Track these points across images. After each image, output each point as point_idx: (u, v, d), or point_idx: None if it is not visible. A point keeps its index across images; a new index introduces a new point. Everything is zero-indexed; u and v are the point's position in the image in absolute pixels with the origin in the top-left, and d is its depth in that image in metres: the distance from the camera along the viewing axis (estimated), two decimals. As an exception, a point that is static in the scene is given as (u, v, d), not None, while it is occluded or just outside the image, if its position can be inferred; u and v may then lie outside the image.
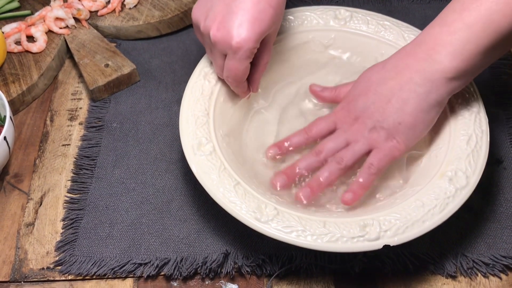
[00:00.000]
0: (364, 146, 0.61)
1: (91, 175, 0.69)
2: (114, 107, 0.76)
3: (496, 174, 0.67)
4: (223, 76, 0.65)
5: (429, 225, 0.55)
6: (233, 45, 0.60)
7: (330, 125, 0.64)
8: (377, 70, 0.62)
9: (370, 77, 0.62)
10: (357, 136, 0.61)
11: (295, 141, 0.65)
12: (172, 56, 0.81)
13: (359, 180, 0.60)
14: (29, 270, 0.62)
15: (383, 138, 0.60)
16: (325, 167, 0.61)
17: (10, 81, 0.76)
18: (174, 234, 0.63)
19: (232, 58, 0.61)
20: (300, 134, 0.65)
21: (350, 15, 0.72)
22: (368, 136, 0.61)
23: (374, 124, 0.60)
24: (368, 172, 0.60)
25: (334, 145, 0.62)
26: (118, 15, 0.83)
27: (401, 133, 0.60)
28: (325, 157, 0.62)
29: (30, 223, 0.65)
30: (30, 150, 0.72)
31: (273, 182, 0.62)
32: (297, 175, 0.63)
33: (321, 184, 0.61)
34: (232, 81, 0.64)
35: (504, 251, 0.61)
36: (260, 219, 0.56)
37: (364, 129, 0.61)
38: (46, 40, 0.80)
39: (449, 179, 0.58)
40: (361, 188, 0.60)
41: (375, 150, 0.61)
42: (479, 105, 0.63)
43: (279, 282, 0.60)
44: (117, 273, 0.61)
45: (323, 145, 0.63)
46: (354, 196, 0.60)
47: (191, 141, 0.61)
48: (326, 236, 0.55)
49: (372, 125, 0.60)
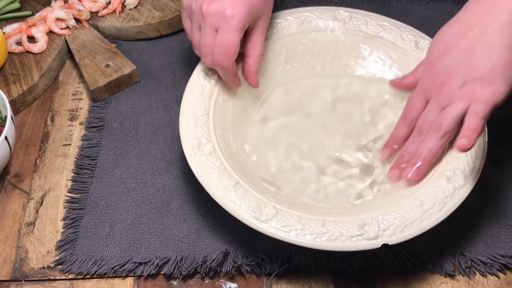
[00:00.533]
0: (460, 105, 0.57)
1: (92, 175, 0.69)
2: (115, 107, 0.76)
3: (494, 173, 0.67)
4: (211, 59, 0.64)
5: (428, 224, 0.56)
6: (227, 14, 0.61)
7: (422, 100, 0.61)
8: (451, 25, 0.59)
9: (445, 34, 0.60)
10: (450, 98, 0.58)
11: (401, 133, 0.63)
12: (172, 56, 0.82)
13: (469, 125, 0.55)
14: (30, 269, 0.62)
15: (478, 88, 0.56)
16: (425, 141, 0.59)
17: (11, 81, 0.76)
18: (174, 233, 0.64)
19: (225, 31, 0.61)
20: (401, 124, 0.63)
21: (349, 16, 0.72)
22: (461, 93, 0.57)
23: (465, 79, 0.57)
24: (476, 116, 0.55)
25: (431, 119, 0.59)
26: (118, 16, 0.84)
27: (499, 75, 0.56)
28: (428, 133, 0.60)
29: (30, 222, 0.66)
30: (31, 150, 0.72)
31: (390, 177, 0.62)
32: (409, 161, 0.61)
33: (426, 160, 0.59)
34: (223, 60, 0.63)
35: (502, 250, 0.61)
36: (259, 218, 0.56)
37: (455, 87, 0.57)
38: (47, 41, 0.80)
39: (448, 179, 0.58)
40: (473, 132, 0.55)
41: (474, 101, 0.56)
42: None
43: (278, 281, 0.61)
44: (118, 272, 0.61)
45: (422, 123, 0.60)
46: (469, 141, 0.54)
47: (191, 141, 0.62)
48: (325, 235, 0.55)
49: (462, 81, 0.57)
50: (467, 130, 0.55)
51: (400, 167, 0.61)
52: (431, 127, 0.59)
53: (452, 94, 0.58)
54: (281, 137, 0.68)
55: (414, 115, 0.62)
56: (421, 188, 0.58)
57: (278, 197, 0.61)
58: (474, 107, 0.56)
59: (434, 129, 0.59)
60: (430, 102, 0.60)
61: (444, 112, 0.58)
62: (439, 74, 0.59)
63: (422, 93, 0.61)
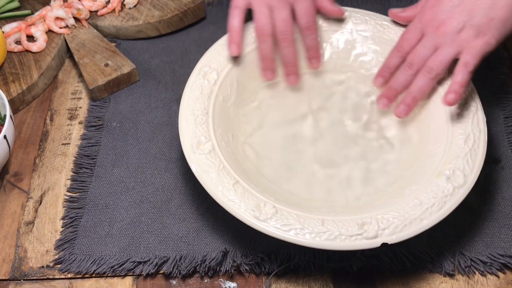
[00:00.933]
0: (453, 49, 0.61)
1: (91, 174, 0.69)
2: (114, 106, 0.76)
3: (493, 173, 0.67)
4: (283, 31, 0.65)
5: (427, 223, 0.56)
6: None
7: (418, 34, 0.63)
8: None
9: None
10: (445, 39, 0.61)
11: (393, 62, 0.65)
12: (171, 55, 0.82)
13: (457, 80, 0.60)
14: (29, 269, 0.62)
15: (472, 36, 0.60)
16: (416, 80, 0.63)
17: (10, 80, 0.76)
18: (173, 232, 0.64)
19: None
20: (394, 55, 0.65)
21: (349, 15, 0.72)
22: (456, 38, 0.60)
23: (464, 24, 0.60)
24: (465, 70, 0.60)
25: (423, 55, 0.62)
26: (118, 15, 0.84)
27: (494, 28, 0.59)
28: (417, 68, 0.63)
29: (30, 221, 0.66)
30: (30, 149, 0.72)
31: (379, 105, 0.66)
32: (397, 93, 0.64)
33: (416, 98, 0.63)
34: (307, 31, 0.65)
35: (501, 249, 0.61)
36: (259, 217, 0.56)
37: (452, 30, 0.60)
38: (46, 40, 0.80)
39: (447, 178, 0.58)
40: (461, 87, 0.60)
41: (466, 49, 0.60)
42: (477, 104, 0.64)
43: (277, 280, 0.61)
44: (117, 271, 0.61)
45: (413, 57, 0.63)
46: (456, 96, 0.60)
47: (191, 140, 0.62)
48: (325, 234, 0.55)
49: (461, 26, 0.60)
50: (455, 84, 0.60)
51: (389, 97, 0.66)
52: (421, 66, 0.62)
53: (447, 36, 0.61)
54: (280, 135, 0.67)
55: (407, 47, 0.64)
56: (420, 188, 0.58)
57: (279, 196, 0.60)
58: (465, 58, 0.60)
59: (426, 69, 0.62)
60: (424, 38, 0.63)
61: (437, 54, 0.61)
62: (441, 13, 0.61)
63: (419, 26, 0.63)
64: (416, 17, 0.65)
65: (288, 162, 0.65)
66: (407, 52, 0.64)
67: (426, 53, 0.62)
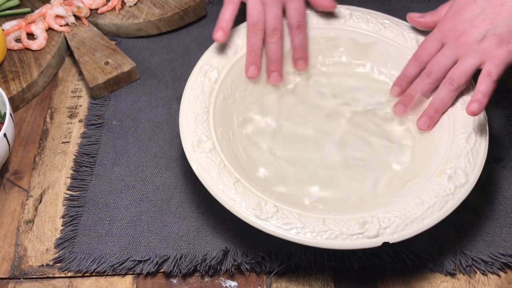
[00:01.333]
0: (474, 59, 0.60)
1: (91, 173, 0.69)
2: (114, 104, 0.76)
3: (495, 172, 0.67)
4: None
5: (429, 222, 0.55)
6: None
7: (437, 44, 0.63)
8: None
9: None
10: (466, 49, 0.60)
11: (411, 72, 0.65)
12: (172, 54, 0.81)
13: (481, 89, 0.58)
14: (29, 267, 0.62)
15: (495, 45, 0.59)
16: (438, 92, 0.62)
17: (10, 79, 0.76)
18: (174, 231, 0.64)
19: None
20: (412, 64, 0.65)
21: (350, 14, 0.72)
22: (478, 48, 0.59)
23: (485, 33, 0.59)
24: (489, 79, 0.58)
25: (443, 64, 0.61)
26: (118, 13, 0.83)
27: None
28: (436, 77, 0.62)
29: (29, 220, 0.65)
30: (30, 147, 0.72)
31: (394, 112, 0.66)
32: (415, 102, 0.64)
33: (438, 110, 0.62)
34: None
35: (503, 249, 0.61)
36: (259, 216, 0.56)
37: (474, 40, 0.59)
38: (46, 38, 0.80)
39: (449, 177, 0.58)
40: (484, 97, 0.58)
41: (489, 59, 0.59)
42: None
43: (278, 279, 0.60)
44: (117, 270, 0.61)
45: (432, 65, 0.62)
46: (480, 106, 0.58)
47: (191, 139, 0.61)
48: (326, 233, 0.55)
49: (482, 35, 0.59)
50: (479, 93, 0.58)
51: (405, 104, 0.65)
52: (440, 75, 0.61)
53: (469, 46, 0.59)
54: (281, 132, 0.67)
55: (427, 57, 0.63)
56: (422, 187, 0.58)
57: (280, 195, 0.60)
58: (488, 67, 0.58)
59: (447, 81, 0.61)
60: (445, 48, 0.62)
61: (458, 65, 0.60)
62: (462, 22, 0.60)
63: (439, 36, 0.62)
64: (436, 27, 0.63)
65: (291, 157, 0.65)
66: (425, 62, 0.63)
67: (446, 62, 0.61)
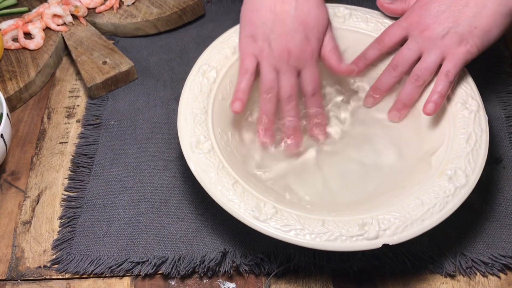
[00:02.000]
0: (437, 55, 0.62)
1: (89, 173, 0.69)
2: (112, 104, 0.75)
3: (495, 173, 0.67)
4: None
5: (429, 224, 0.55)
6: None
7: (401, 32, 0.64)
8: None
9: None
10: (429, 44, 0.62)
11: (371, 54, 0.66)
12: (170, 53, 0.81)
13: (438, 89, 0.61)
14: (26, 269, 0.61)
15: (455, 43, 0.61)
16: (405, 88, 0.64)
17: (7, 78, 0.75)
18: (172, 232, 0.63)
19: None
20: (373, 46, 0.66)
21: (350, 13, 0.72)
22: (440, 43, 0.62)
23: (448, 30, 0.61)
24: (446, 80, 0.61)
25: (408, 57, 0.63)
26: (116, 12, 0.83)
27: (476, 37, 0.61)
28: (402, 70, 0.64)
29: (27, 221, 0.65)
30: (27, 147, 0.72)
31: (364, 104, 0.67)
32: (382, 93, 0.66)
33: (406, 105, 0.65)
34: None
35: (503, 250, 0.61)
36: (258, 217, 0.55)
37: (437, 35, 0.62)
38: (43, 37, 0.80)
39: (449, 178, 0.58)
40: (441, 97, 0.61)
41: (449, 56, 0.62)
42: (478, 103, 0.63)
43: (277, 281, 0.60)
44: (115, 271, 0.61)
45: (398, 59, 0.64)
46: (436, 106, 0.61)
47: (190, 139, 0.61)
48: (325, 235, 0.54)
49: (445, 31, 0.61)
50: (435, 94, 0.61)
51: (374, 97, 0.67)
52: (406, 68, 0.64)
53: (432, 41, 0.62)
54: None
55: (389, 43, 0.65)
56: (422, 188, 0.58)
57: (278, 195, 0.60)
58: (447, 66, 0.61)
59: (413, 77, 0.63)
60: (409, 40, 0.64)
61: (422, 61, 0.63)
62: (428, 16, 0.62)
63: (404, 25, 0.64)
64: (403, 16, 0.65)
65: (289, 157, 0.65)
66: (386, 47, 0.65)
67: (411, 55, 0.63)
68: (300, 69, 0.63)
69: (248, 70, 0.63)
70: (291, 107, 0.64)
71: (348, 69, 0.66)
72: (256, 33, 0.62)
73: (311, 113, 0.66)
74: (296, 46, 0.62)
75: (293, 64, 0.62)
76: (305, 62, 0.62)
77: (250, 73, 0.63)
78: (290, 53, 0.61)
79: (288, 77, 0.63)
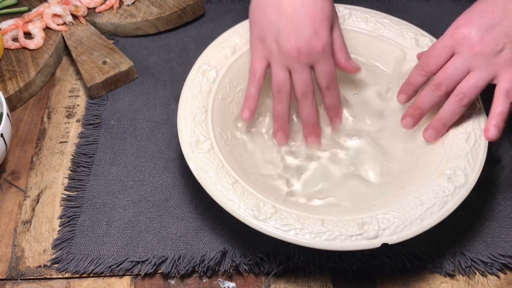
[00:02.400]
0: (488, 74, 0.57)
1: (89, 173, 0.69)
2: (112, 104, 0.75)
3: (494, 173, 0.67)
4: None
5: (428, 223, 0.55)
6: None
7: (447, 53, 0.59)
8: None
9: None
10: (480, 61, 0.56)
11: (417, 81, 0.61)
12: (170, 53, 0.81)
13: (497, 110, 0.57)
14: (26, 268, 0.62)
15: (510, 60, 0.56)
16: (446, 105, 0.59)
17: (7, 78, 0.75)
18: (172, 232, 0.63)
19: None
20: (418, 73, 0.61)
21: (349, 13, 0.72)
22: (494, 60, 0.56)
23: (503, 46, 0.56)
24: (506, 100, 0.56)
25: (455, 76, 0.58)
26: (116, 12, 0.83)
27: None
28: (446, 90, 0.59)
29: (27, 220, 0.65)
30: (27, 147, 0.72)
31: (402, 125, 0.63)
32: (423, 113, 0.62)
33: (446, 124, 0.60)
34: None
35: (502, 249, 0.61)
36: (258, 217, 0.55)
37: (490, 52, 0.56)
38: (43, 37, 0.80)
39: (448, 178, 0.58)
40: (502, 120, 0.57)
41: (504, 75, 0.56)
42: (478, 103, 0.63)
43: (277, 280, 0.60)
44: (115, 271, 0.61)
45: (442, 77, 0.59)
46: (498, 130, 0.57)
47: (189, 139, 0.61)
48: (324, 234, 0.54)
49: (500, 47, 0.56)
50: (496, 116, 0.56)
51: (414, 116, 0.62)
52: (450, 87, 0.58)
53: (484, 58, 0.56)
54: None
55: (433, 67, 0.60)
56: (421, 187, 0.58)
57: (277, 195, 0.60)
58: (505, 85, 0.56)
59: (457, 95, 0.58)
60: (456, 57, 0.58)
61: (470, 78, 0.57)
62: (477, 31, 0.57)
63: (450, 43, 0.59)
64: (447, 33, 0.59)
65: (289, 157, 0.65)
66: (433, 72, 0.60)
67: (458, 74, 0.58)
68: (313, 64, 0.60)
69: (256, 74, 0.62)
70: (307, 104, 0.62)
71: (355, 67, 0.64)
72: (264, 34, 0.61)
73: (327, 105, 0.64)
74: (306, 43, 0.59)
75: (305, 61, 0.60)
76: (317, 57, 0.60)
77: (258, 77, 0.62)
78: (300, 51, 0.59)
79: (301, 74, 0.60)
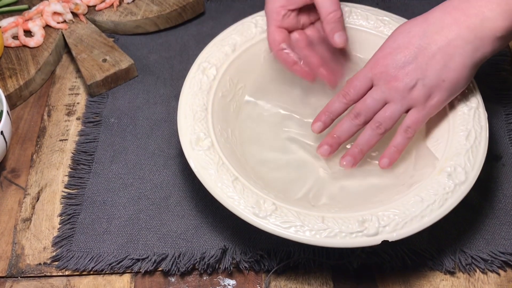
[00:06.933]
0: (403, 106, 0.60)
1: (89, 170, 0.69)
2: (112, 102, 0.75)
3: (494, 170, 0.67)
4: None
5: (428, 220, 0.55)
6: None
7: (367, 84, 0.61)
8: (418, 23, 0.60)
9: (410, 30, 0.60)
10: (395, 95, 0.60)
11: (336, 108, 0.63)
12: (170, 51, 0.81)
13: (395, 143, 0.61)
14: (26, 266, 0.62)
15: (422, 96, 0.59)
16: (365, 133, 0.61)
17: (7, 76, 0.75)
18: (172, 229, 0.63)
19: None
20: (339, 100, 0.63)
21: (350, 11, 0.72)
22: (407, 95, 0.60)
23: (415, 82, 0.59)
24: (405, 136, 0.61)
25: (372, 106, 0.61)
26: (116, 10, 0.83)
27: (444, 90, 0.59)
28: (365, 119, 0.61)
29: (27, 218, 0.65)
30: (27, 145, 0.72)
31: (319, 153, 0.63)
32: (340, 142, 0.62)
33: (363, 151, 0.62)
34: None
35: (502, 247, 0.61)
36: (258, 214, 0.55)
37: (404, 87, 0.59)
38: (43, 35, 0.80)
39: (448, 175, 0.58)
40: (397, 153, 0.61)
41: (413, 109, 0.60)
42: (478, 100, 0.63)
43: (277, 277, 0.60)
44: (115, 268, 0.61)
45: (361, 107, 0.61)
46: (391, 161, 0.61)
47: (189, 136, 0.61)
48: (325, 231, 0.54)
49: (413, 83, 0.59)
50: (392, 148, 0.61)
51: (331, 145, 0.63)
52: (368, 117, 0.61)
53: (399, 92, 0.60)
54: (279, 131, 0.67)
55: (354, 95, 0.62)
56: (421, 184, 0.58)
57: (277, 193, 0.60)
58: (409, 120, 0.60)
59: (374, 123, 0.61)
60: (375, 90, 0.61)
61: (387, 109, 0.60)
62: (394, 67, 0.60)
63: (369, 75, 0.61)
64: (367, 65, 0.62)
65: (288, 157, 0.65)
66: (353, 100, 0.62)
67: (376, 105, 0.61)
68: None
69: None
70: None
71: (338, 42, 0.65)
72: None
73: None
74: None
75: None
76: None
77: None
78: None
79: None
